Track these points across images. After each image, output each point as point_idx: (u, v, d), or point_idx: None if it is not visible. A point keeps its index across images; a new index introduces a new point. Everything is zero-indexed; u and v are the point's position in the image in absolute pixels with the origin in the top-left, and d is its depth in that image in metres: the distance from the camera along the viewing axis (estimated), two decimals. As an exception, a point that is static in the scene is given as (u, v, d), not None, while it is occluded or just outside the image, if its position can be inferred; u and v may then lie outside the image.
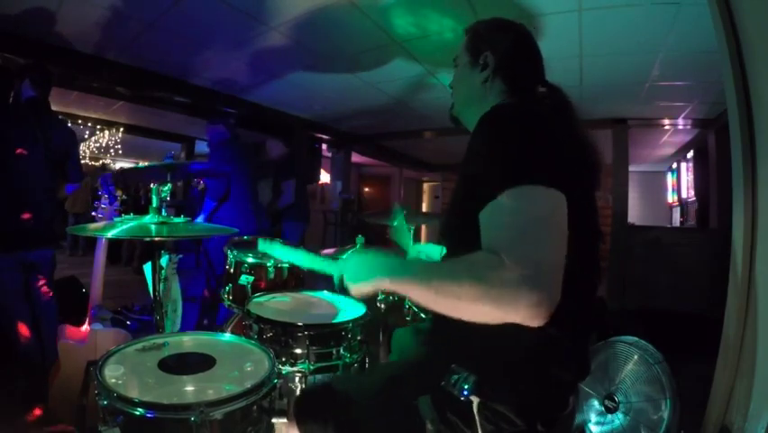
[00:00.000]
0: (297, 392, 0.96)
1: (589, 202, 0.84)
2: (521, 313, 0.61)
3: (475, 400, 0.73)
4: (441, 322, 0.79)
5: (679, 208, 6.32)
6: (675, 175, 6.45)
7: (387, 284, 0.75)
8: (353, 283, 0.80)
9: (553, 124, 0.80)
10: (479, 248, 0.68)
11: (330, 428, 0.85)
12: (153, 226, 1.22)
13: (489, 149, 0.75)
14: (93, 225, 1.29)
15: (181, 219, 1.35)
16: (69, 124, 3.36)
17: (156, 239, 1.22)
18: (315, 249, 2.09)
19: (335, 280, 0.89)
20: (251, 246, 1.80)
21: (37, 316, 2.01)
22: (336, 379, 0.99)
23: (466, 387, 0.72)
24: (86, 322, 1.87)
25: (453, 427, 0.75)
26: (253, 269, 1.71)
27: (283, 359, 1.22)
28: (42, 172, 2.08)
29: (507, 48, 0.94)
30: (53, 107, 2.25)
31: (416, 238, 2.17)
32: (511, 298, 0.61)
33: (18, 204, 1.98)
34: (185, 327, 2.05)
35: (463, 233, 0.80)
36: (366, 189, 10.43)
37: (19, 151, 1.99)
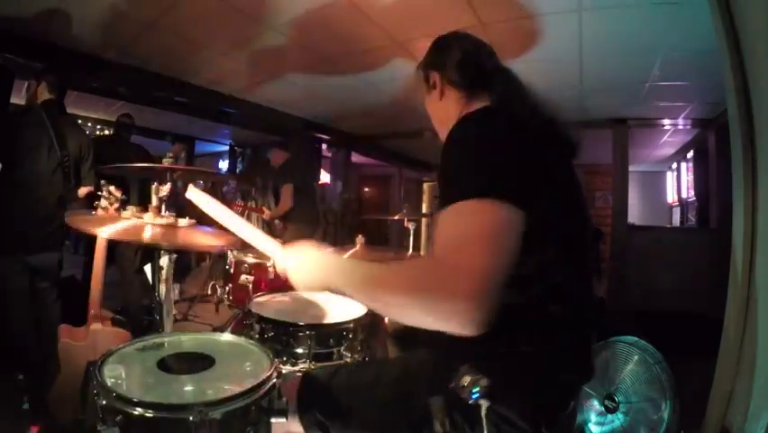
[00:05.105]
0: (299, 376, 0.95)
1: (570, 194, 0.83)
2: (451, 320, 0.63)
3: (484, 403, 0.72)
4: None
5: (679, 208, 6.32)
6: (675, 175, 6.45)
7: (330, 288, 0.78)
8: (298, 281, 0.83)
9: (512, 131, 0.79)
10: None
11: (335, 421, 0.84)
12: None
13: (446, 162, 0.78)
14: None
15: (185, 221, 1.34)
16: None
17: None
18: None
19: (277, 267, 0.89)
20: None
21: (40, 317, 2.01)
22: (343, 369, 0.98)
23: (475, 390, 0.72)
24: (87, 322, 1.86)
25: (460, 429, 0.75)
26: (253, 269, 1.71)
27: (284, 359, 1.22)
28: (54, 176, 2.07)
29: (443, 58, 1.00)
30: (54, 108, 2.23)
31: (417, 238, 2.18)
32: (443, 303, 0.63)
33: (27, 207, 1.97)
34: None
35: None
36: (366, 189, 10.41)
37: (31, 154, 1.98)
